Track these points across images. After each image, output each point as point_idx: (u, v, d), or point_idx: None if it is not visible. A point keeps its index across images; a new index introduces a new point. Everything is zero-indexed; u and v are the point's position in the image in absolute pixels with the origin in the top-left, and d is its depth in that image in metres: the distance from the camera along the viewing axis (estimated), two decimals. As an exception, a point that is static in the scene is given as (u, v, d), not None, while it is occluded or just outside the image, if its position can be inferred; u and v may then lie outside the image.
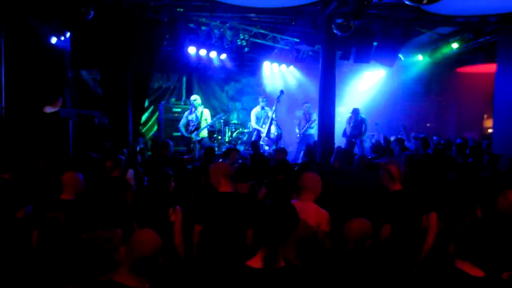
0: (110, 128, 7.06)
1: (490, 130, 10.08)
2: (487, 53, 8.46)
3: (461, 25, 8.19)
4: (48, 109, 6.41)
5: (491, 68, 7.85)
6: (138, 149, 6.91)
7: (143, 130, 9.88)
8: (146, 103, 9.52)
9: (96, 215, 3.24)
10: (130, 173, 4.78)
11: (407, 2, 3.31)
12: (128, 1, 6.46)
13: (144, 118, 9.70)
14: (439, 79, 11.21)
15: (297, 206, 3.07)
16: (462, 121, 12.13)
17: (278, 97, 9.26)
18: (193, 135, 8.36)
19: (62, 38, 7.56)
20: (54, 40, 7.59)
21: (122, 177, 4.46)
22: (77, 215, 3.07)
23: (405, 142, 7.25)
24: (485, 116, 12.05)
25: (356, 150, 7.59)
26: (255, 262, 1.81)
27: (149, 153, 7.77)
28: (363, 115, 9.35)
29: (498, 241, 2.57)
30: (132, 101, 7.10)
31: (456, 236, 2.00)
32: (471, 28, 8.12)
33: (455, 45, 9.10)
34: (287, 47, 10.15)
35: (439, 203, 3.27)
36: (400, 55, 9.74)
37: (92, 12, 5.45)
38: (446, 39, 9.19)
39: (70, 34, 7.23)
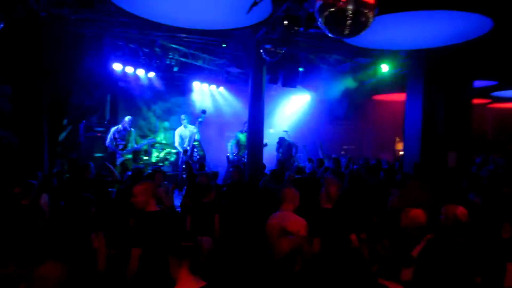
0: (21, 149, 6.34)
1: (401, 153, 11.08)
2: (399, 83, 9.34)
3: (376, 57, 9.02)
4: None
5: (402, 97, 8.69)
6: (54, 171, 6.32)
7: (60, 151, 9.10)
8: (65, 122, 8.83)
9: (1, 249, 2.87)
10: (44, 198, 4.34)
11: (330, 35, 3.53)
12: (47, 13, 6.00)
13: (62, 137, 8.94)
14: (358, 105, 12.10)
15: (279, 215, 3.41)
16: (377, 143, 13.25)
17: (200, 117, 9.10)
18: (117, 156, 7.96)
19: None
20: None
21: (34, 204, 4.01)
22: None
23: (326, 162, 7.79)
24: (397, 139, 13.26)
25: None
26: None
27: (67, 175, 7.15)
28: (291, 139, 9.71)
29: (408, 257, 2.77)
30: (48, 119, 6.52)
31: (377, 258, 2.14)
32: (385, 60, 8.99)
33: (371, 75, 10.03)
34: (217, 69, 10.22)
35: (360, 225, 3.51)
36: (323, 81, 10.39)
37: (1, 24, 4.89)
38: (364, 68, 10.05)
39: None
